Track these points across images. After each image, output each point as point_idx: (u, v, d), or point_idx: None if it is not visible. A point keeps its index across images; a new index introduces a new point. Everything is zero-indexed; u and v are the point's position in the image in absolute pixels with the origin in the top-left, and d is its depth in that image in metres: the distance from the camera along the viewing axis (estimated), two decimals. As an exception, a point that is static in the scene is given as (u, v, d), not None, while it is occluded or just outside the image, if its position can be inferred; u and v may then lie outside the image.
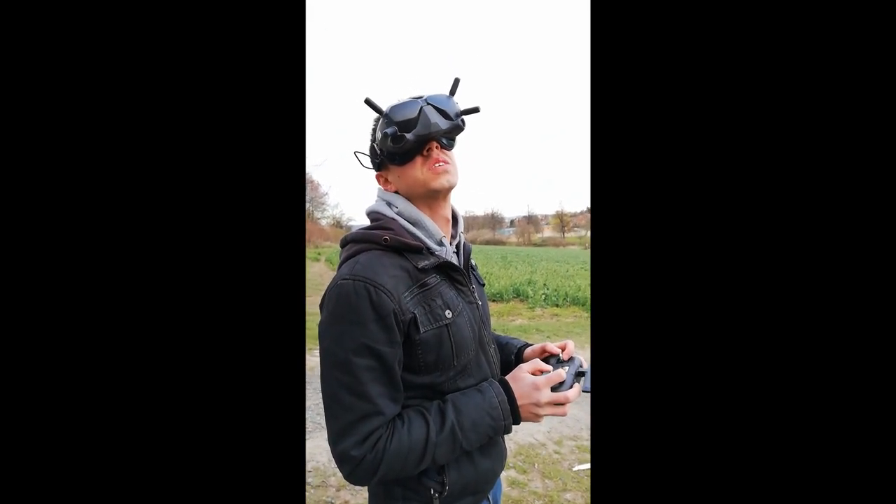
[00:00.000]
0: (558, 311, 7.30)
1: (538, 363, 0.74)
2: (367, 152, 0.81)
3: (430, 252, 0.74)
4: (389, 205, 0.76)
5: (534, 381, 0.71)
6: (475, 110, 0.76)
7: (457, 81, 0.76)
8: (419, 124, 0.70)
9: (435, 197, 0.74)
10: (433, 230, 0.75)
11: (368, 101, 0.74)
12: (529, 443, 2.60)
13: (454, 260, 0.78)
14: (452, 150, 0.76)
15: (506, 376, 0.75)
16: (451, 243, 0.79)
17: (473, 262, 0.87)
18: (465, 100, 0.80)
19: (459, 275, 0.75)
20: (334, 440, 0.65)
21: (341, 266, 0.71)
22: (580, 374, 0.76)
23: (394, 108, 0.72)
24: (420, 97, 0.74)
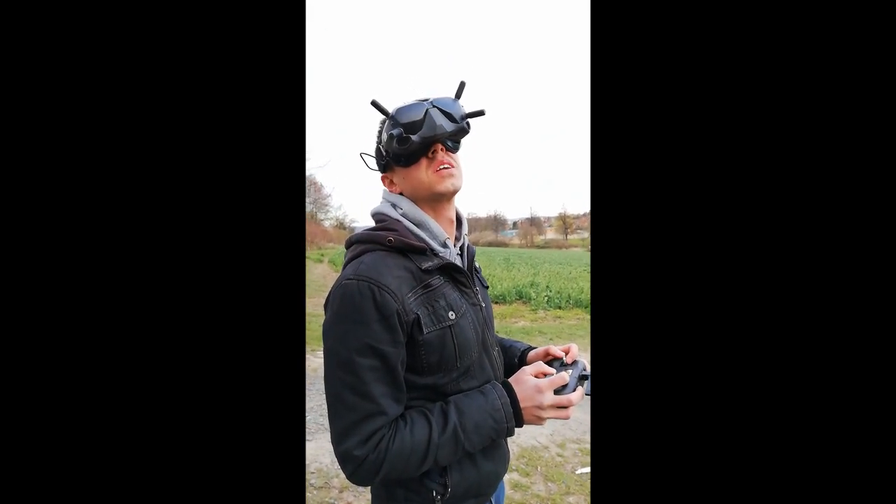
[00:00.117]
0: (561, 313, 7.28)
1: (541, 366, 0.74)
2: (373, 154, 0.81)
3: (434, 253, 0.74)
4: (394, 206, 0.77)
5: (537, 383, 0.71)
6: (480, 113, 0.77)
7: (462, 85, 0.76)
8: (425, 126, 0.71)
9: (439, 199, 0.75)
10: (437, 232, 0.75)
11: (375, 103, 0.74)
12: (532, 445, 2.59)
13: (458, 262, 0.78)
14: (457, 153, 0.76)
15: (509, 379, 0.75)
16: (454, 245, 0.79)
17: (477, 265, 0.87)
18: (464, 100, 0.81)
19: (463, 276, 0.75)
20: (337, 439, 0.65)
21: (346, 266, 0.71)
22: (584, 378, 0.76)
23: (400, 110, 0.73)
24: (426, 100, 0.74)
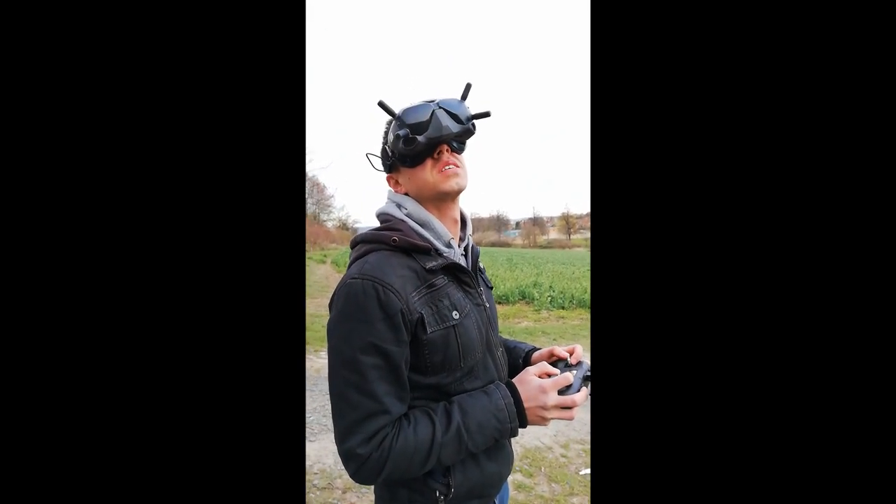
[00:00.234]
0: (564, 313, 7.27)
1: (545, 366, 0.74)
2: (379, 154, 0.82)
3: (439, 253, 0.74)
4: (399, 206, 0.77)
5: (541, 384, 0.71)
6: (486, 115, 0.77)
7: (468, 87, 0.77)
8: (430, 127, 0.71)
9: (444, 199, 0.75)
10: (441, 232, 0.75)
11: (382, 104, 0.75)
12: (536, 446, 2.59)
13: (462, 262, 0.79)
14: (462, 154, 0.76)
15: (513, 379, 0.74)
16: (459, 245, 0.79)
17: (481, 265, 0.87)
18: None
19: (467, 276, 0.75)
20: (340, 438, 0.65)
21: (351, 266, 0.72)
22: (588, 378, 0.75)
23: (406, 111, 0.73)
24: (432, 101, 0.74)
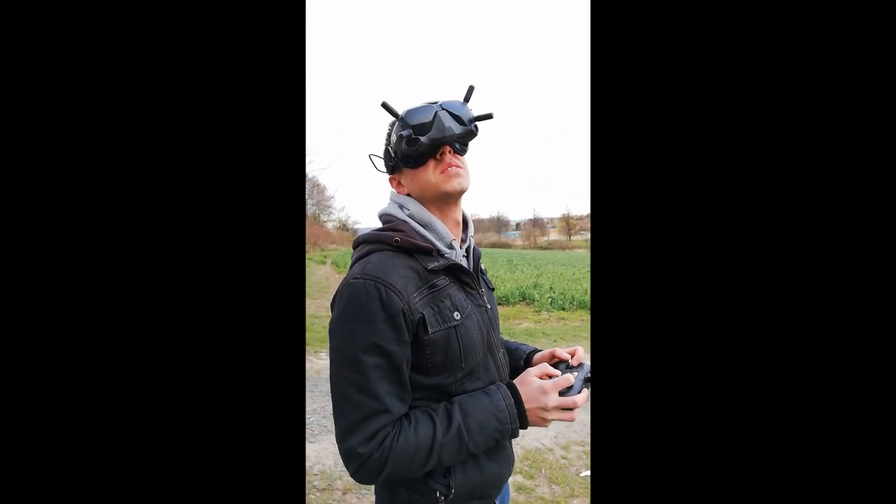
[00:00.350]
0: (564, 314, 7.26)
1: (546, 367, 0.74)
2: (381, 155, 0.82)
3: (440, 254, 0.74)
4: (401, 207, 0.78)
5: (541, 384, 0.71)
6: (489, 116, 0.77)
7: (471, 89, 0.77)
8: (433, 128, 0.72)
9: (446, 200, 0.75)
10: (443, 233, 0.76)
11: (385, 105, 0.75)
12: (536, 448, 2.58)
13: (464, 263, 0.79)
14: (465, 156, 0.77)
15: (514, 380, 0.75)
16: (461, 247, 0.80)
17: (483, 267, 0.87)
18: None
19: (468, 277, 0.76)
20: (341, 437, 0.65)
21: (353, 266, 0.72)
22: (589, 380, 0.75)
23: (409, 112, 0.74)
24: (435, 102, 0.75)
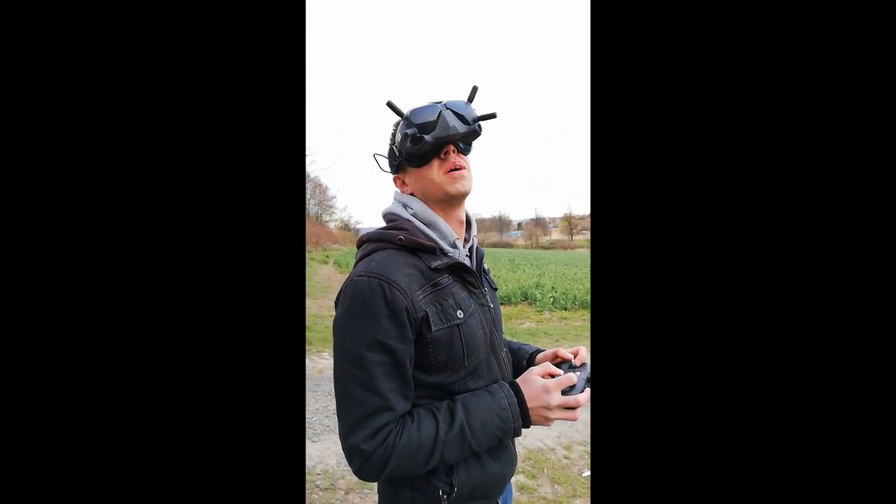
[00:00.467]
0: (566, 314, 7.26)
1: (549, 366, 0.75)
2: (386, 155, 0.83)
3: (444, 253, 0.75)
4: (405, 206, 0.78)
5: (544, 383, 0.71)
6: (492, 116, 0.78)
7: (475, 89, 0.78)
8: (438, 127, 0.72)
9: (450, 200, 0.76)
10: (447, 232, 0.76)
11: (390, 104, 0.76)
12: (539, 447, 2.58)
13: (467, 262, 0.79)
14: (468, 156, 0.77)
15: (517, 379, 0.75)
16: (464, 246, 0.80)
17: (486, 266, 0.88)
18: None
19: (471, 276, 0.76)
20: (345, 433, 0.66)
21: (357, 264, 0.73)
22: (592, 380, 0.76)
23: (414, 111, 0.74)
24: (439, 102, 0.76)
